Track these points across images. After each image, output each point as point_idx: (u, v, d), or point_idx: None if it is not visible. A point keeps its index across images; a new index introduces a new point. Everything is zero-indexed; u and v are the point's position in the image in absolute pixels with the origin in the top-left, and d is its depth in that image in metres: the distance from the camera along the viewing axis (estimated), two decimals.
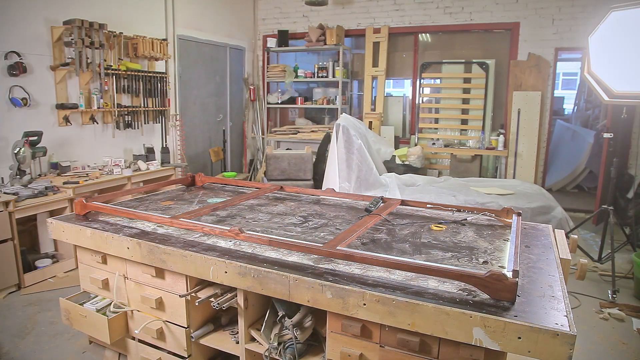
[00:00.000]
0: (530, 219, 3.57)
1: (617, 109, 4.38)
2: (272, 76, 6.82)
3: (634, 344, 2.69)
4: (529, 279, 1.50)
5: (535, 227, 2.16)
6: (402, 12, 6.11)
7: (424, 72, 6.13)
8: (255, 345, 1.80)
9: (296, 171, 5.16)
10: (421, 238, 1.90)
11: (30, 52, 3.78)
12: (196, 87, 5.96)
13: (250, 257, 1.67)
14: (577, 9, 5.25)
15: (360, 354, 1.51)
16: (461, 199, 3.86)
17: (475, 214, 2.24)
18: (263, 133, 7.01)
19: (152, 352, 2.09)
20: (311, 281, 1.46)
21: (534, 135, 5.51)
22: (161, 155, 4.96)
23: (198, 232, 1.93)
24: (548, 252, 1.79)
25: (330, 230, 2.01)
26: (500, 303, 1.30)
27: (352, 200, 2.62)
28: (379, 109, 6.32)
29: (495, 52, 5.86)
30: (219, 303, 1.73)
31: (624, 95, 3.32)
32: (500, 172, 5.77)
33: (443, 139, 5.98)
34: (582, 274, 2.00)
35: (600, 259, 3.78)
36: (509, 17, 5.57)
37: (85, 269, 2.30)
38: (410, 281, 1.45)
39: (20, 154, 3.46)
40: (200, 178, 3.01)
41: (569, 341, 1.14)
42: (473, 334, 1.24)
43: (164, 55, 4.96)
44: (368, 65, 6.34)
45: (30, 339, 2.61)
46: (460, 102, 6.04)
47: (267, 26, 6.97)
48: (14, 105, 3.66)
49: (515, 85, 5.59)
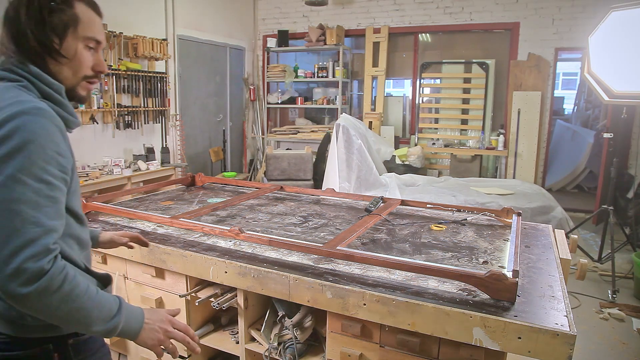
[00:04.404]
0: (530, 219, 3.57)
1: (617, 109, 4.38)
2: (272, 76, 6.82)
3: (634, 344, 2.69)
4: (529, 279, 1.50)
5: (535, 227, 2.16)
6: (402, 12, 6.11)
7: (424, 72, 6.13)
8: (255, 345, 1.80)
9: (296, 171, 5.16)
10: (421, 238, 1.90)
11: None
12: (196, 87, 5.96)
13: (250, 257, 1.67)
14: (577, 9, 5.25)
15: (360, 354, 1.51)
16: (461, 199, 3.86)
17: (475, 214, 2.24)
18: (263, 133, 7.01)
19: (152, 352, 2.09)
20: (311, 281, 1.46)
21: (534, 135, 5.50)
22: (161, 155, 4.96)
23: (198, 232, 1.93)
24: (548, 252, 1.79)
25: (330, 230, 2.01)
26: (500, 303, 1.30)
27: (352, 200, 2.62)
28: (379, 109, 6.32)
29: (495, 52, 5.86)
30: (219, 303, 1.73)
31: (624, 95, 3.33)
32: (500, 172, 5.77)
33: (443, 139, 5.98)
34: (582, 274, 2.00)
35: (600, 259, 3.78)
36: (509, 17, 5.57)
37: None
38: (410, 281, 1.45)
39: None
40: (200, 178, 3.01)
41: (569, 341, 1.14)
42: (473, 334, 1.24)
43: (164, 55, 4.96)
44: (368, 65, 6.34)
45: None
46: (460, 102, 6.04)
47: (267, 26, 6.97)
48: None
49: (515, 85, 5.59)
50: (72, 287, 0.83)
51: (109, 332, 0.89)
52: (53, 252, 0.81)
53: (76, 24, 0.93)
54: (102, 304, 0.88)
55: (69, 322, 0.86)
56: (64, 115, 0.95)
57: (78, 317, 0.84)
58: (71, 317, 0.84)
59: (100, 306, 0.87)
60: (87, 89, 1.01)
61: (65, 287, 0.81)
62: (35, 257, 0.78)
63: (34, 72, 0.91)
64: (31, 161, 0.80)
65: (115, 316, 0.90)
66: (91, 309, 0.85)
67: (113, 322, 0.89)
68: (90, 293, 0.86)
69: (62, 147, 0.87)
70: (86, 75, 0.98)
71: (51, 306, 0.81)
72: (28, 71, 0.91)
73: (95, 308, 0.86)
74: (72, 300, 0.82)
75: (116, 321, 0.89)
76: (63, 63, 0.94)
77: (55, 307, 0.81)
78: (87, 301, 0.85)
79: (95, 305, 0.86)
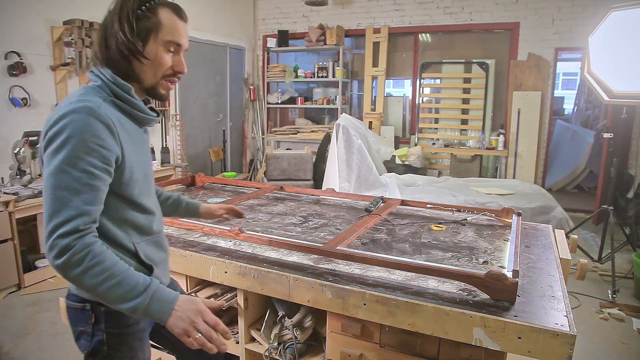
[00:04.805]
0: (530, 219, 3.57)
1: (617, 109, 4.38)
2: (272, 76, 6.82)
3: (634, 344, 2.69)
4: (529, 279, 1.50)
5: (535, 227, 2.16)
6: (402, 12, 6.11)
7: (424, 72, 6.13)
8: (255, 345, 1.80)
9: (296, 171, 5.16)
10: (421, 238, 1.90)
11: (30, 52, 3.78)
12: (196, 87, 5.96)
13: (250, 257, 1.67)
14: (577, 9, 5.25)
15: (360, 354, 1.51)
16: (461, 199, 3.86)
17: (475, 214, 2.24)
18: (263, 133, 7.01)
19: (152, 352, 2.09)
20: (311, 281, 1.46)
21: (534, 135, 5.50)
22: (161, 155, 4.96)
23: (198, 232, 1.93)
24: (548, 252, 1.79)
25: (330, 230, 2.01)
26: (500, 303, 1.30)
27: (352, 200, 2.62)
28: (379, 109, 6.32)
29: (495, 52, 5.85)
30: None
31: (624, 95, 3.32)
32: (500, 172, 5.77)
33: (443, 139, 5.98)
34: (582, 274, 2.00)
35: (600, 259, 3.78)
36: (509, 17, 5.57)
37: None
38: (410, 281, 1.45)
39: (20, 154, 3.46)
40: (200, 178, 3.01)
41: (569, 341, 1.14)
42: (473, 334, 1.24)
43: None
44: (368, 65, 6.34)
45: (30, 339, 2.61)
46: (460, 102, 6.04)
47: (267, 26, 6.97)
48: (14, 105, 3.67)
49: (515, 85, 5.59)
50: (94, 263, 0.94)
51: (130, 311, 0.97)
52: (81, 232, 0.95)
53: (158, 30, 1.07)
54: (127, 283, 0.96)
55: (93, 294, 0.97)
56: (133, 112, 1.09)
57: (100, 291, 0.95)
58: (93, 289, 0.95)
59: (124, 285, 0.96)
60: (167, 87, 1.14)
61: (86, 263, 0.93)
62: (65, 235, 0.93)
63: (107, 74, 1.06)
64: (74, 154, 0.95)
65: (138, 296, 0.97)
66: (112, 286, 0.95)
67: (134, 302, 0.96)
68: (115, 271, 0.96)
69: (108, 142, 0.99)
70: (165, 74, 1.11)
71: (76, 278, 0.94)
72: (102, 73, 1.06)
73: (116, 286, 0.95)
74: (94, 275, 0.94)
75: (138, 302, 0.96)
76: (145, 64, 1.07)
77: (79, 278, 0.94)
78: (109, 278, 0.95)
79: (117, 283, 0.95)
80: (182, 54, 1.14)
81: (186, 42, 1.13)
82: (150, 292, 0.98)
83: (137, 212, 1.12)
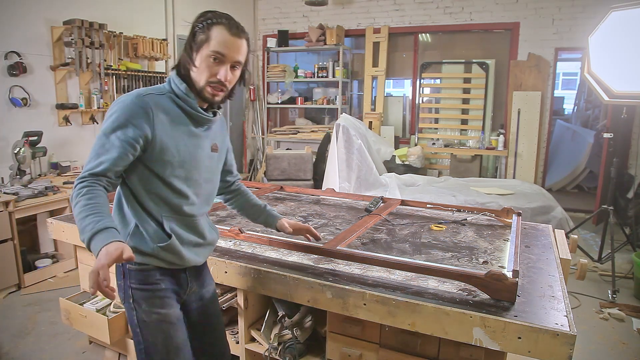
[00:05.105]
0: (530, 219, 3.57)
1: (617, 109, 4.38)
2: (272, 76, 6.81)
3: (634, 344, 2.69)
4: (529, 279, 1.50)
5: (535, 227, 2.16)
6: (402, 12, 6.11)
7: (424, 72, 6.12)
8: (255, 345, 1.80)
9: (296, 171, 5.16)
10: (421, 238, 1.90)
11: (30, 52, 3.78)
12: None
13: (250, 257, 1.67)
14: (577, 9, 5.25)
15: (360, 354, 1.51)
16: (461, 199, 3.86)
17: (475, 214, 2.24)
18: (263, 133, 7.01)
19: None
20: (311, 281, 1.46)
21: (534, 135, 5.50)
22: None
23: None
24: (548, 252, 1.79)
25: (330, 230, 2.01)
26: (500, 303, 1.30)
27: (352, 200, 2.62)
28: (379, 109, 6.32)
29: (495, 52, 5.85)
30: (219, 303, 1.73)
31: (624, 95, 3.32)
32: (500, 172, 5.77)
33: (443, 139, 5.98)
34: (582, 274, 2.00)
35: (600, 259, 3.78)
36: (509, 17, 5.57)
37: (86, 269, 2.30)
38: (410, 281, 1.45)
39: (20, 154, 3.46)
40: None
41: (569, 341, 1.14)
42: (473, 334, 1.24)
43: (164, 56, 4.96)
44: (368, 65, 6.34)
45: (30, 339, 2.61)
46: (460, 102, 6.04)
47: (267, 26, 6.97)
48: (14, 105, 3.67)
49: (515, 85, 5.59)
50: (82, 199, 1.15)
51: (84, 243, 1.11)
52: (91, 179, 1.19)
53: (208, 42, 1.25)
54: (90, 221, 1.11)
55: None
56: (185, 108, 1.31)
57: (76, 222, 1.14)
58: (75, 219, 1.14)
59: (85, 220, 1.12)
60: (211, 93, 1.30)
61: (78, 197, 1.16)
62: (82, 178, 1.19)
63: (173, 75, 1.33)
64: (110, 124, 1.22)
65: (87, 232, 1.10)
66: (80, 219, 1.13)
67: (82, 236, 1.11)
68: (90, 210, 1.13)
69: (139, 122, 1.22)
70: (208, 81, 1.28)
71: (73, 207, 1.16)
72: (171, 75, 1.33)
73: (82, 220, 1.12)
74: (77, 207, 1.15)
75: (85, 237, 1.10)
76: (194, 70, 1.28)
77: (73, 208, 1.16)
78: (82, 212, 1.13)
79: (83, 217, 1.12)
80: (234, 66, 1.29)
81: (235, 55, 1.28)
82: (94, 231, 1.09)
83: (168, 190, 1.30)
